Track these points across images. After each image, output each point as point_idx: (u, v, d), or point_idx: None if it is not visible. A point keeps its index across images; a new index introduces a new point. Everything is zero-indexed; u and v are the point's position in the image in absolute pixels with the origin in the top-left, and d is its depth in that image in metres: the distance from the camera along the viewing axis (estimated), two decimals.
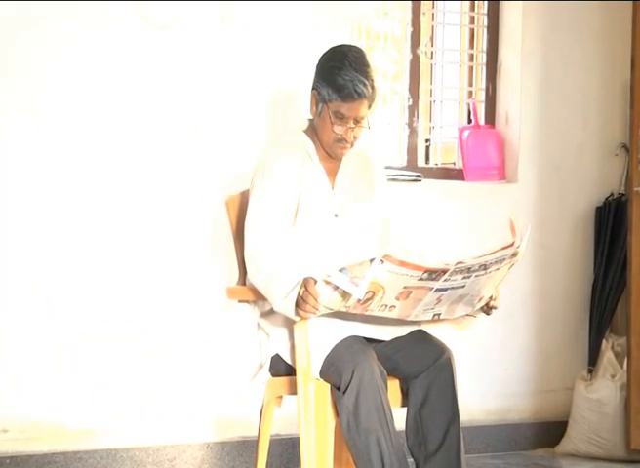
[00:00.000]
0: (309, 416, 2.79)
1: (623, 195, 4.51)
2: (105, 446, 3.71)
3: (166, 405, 3.82)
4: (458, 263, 2.62)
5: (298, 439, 2.82)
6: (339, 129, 2.93)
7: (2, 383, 3.51)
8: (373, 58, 4.14)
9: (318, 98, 2.97)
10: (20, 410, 3.58)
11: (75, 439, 3.67)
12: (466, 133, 4.50)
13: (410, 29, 4.43)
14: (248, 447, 3.80)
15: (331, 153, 3.02)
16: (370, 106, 2.95)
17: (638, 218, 4.14)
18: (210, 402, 3.88)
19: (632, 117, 4.18)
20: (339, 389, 2.75)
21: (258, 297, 2.94)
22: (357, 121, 2.94)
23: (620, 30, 4.47)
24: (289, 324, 2.86)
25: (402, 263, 2.58)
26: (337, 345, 2.80)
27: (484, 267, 2.69)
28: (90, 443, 3.69)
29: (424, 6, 4.46)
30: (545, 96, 4.52)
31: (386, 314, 2.74)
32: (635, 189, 4.14)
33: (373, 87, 2.92)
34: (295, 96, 3.80)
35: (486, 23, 4.58)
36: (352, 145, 2.99)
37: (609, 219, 4.52)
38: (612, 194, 4.59)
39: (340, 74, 2.88)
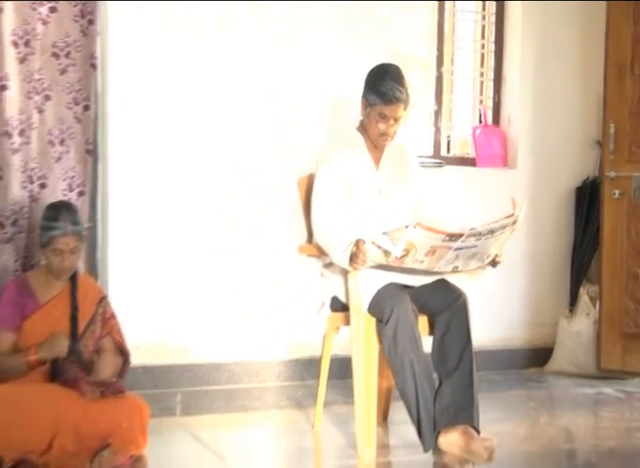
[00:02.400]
0: (359, 342, 2.79)
1: (597, 178, 4.39)
2: (210, 360, 3.72)
3: (255, 331, 3.81)
4: (471, 229, 2.61)
5: (351, 359, 2.80)
6: (382, 126, 2.90)
7: (135, 311, 3.48)
8: (408, 74, 4.08)
9: (366, 104, 2.93)
10: (150, 332, 3.57)
11: (189, 355, 3.68)
12: (478, 130, 4.43)
13: (435, 53, 4.38)
14: (314, 364, 3.75)
15: (376, 144, 2.99)
16: (405, 108, 2.91)
17: (608, 196, 4.11)
18: (286, 329, 3.87)
19: (604, 120, 4.14)
20: (381, 322, 2.74)
21: (321, 253, 2.93)
22: (396, 120, 2.90)
23: (595, 56, 4.31)
24: (344, 273, 2.84)
25: (429, 229, 2.57)
26: (380, 289, 2.78)
27: (491, 232, 2.67)
28: (199, 358, 3.70)
29: (446, 35, 4.39)
30: (539, 103, 4.42)
31: (417, 266, 2.72)
32: (606, 174, 4.11)
33: (407, 94, 2.89)
34: (349, 103, 3.73)
35: (493, 48, 4.50)
36: (392, 138, 2.96)
37: (586, 196, 4.43)
38: (588, 177, 4.49)
39: (383, 84, 2.86)
